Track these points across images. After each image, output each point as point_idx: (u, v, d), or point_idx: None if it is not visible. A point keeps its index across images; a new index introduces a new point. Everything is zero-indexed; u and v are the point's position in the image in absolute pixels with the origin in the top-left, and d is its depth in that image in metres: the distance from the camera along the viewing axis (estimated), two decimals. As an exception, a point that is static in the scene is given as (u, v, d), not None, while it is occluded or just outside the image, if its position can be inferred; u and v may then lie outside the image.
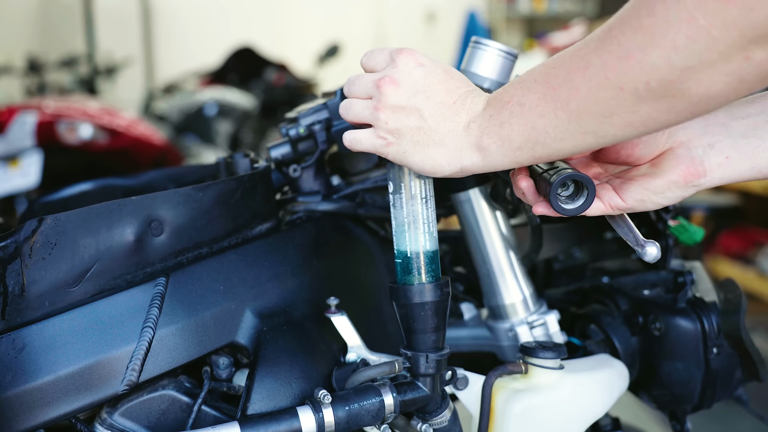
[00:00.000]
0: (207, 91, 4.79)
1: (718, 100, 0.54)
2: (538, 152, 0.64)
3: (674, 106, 0.55)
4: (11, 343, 0.70)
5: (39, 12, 5.95)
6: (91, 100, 3.99)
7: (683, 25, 0.51)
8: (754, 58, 0.50)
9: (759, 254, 3.44)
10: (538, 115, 0.62)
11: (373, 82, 0.73)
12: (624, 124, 0.58)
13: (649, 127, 0.58)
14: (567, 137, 0.61)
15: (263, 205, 0.89)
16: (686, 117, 0.56)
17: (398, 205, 0.78)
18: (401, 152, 0.72)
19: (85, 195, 1.17)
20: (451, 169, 0.70)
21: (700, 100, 0.54)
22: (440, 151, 0.70)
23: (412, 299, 0.77)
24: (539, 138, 0.63)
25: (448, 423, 0.82)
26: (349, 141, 0.76)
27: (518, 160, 0.66)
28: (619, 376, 0.91)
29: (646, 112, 0.56)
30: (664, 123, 0.57)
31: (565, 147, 0.62)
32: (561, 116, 0.60)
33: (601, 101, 0.57)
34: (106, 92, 5.37)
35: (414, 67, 0.72)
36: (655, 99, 0.55)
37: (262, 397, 0.77)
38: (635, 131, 0.59)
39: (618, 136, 0.60)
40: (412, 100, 0.71)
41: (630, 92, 0.55)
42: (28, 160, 2.98)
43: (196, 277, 0.79)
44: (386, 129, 0.72)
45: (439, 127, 0.70)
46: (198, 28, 6.78)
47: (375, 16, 7.22)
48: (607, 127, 0.59)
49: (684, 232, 1.00)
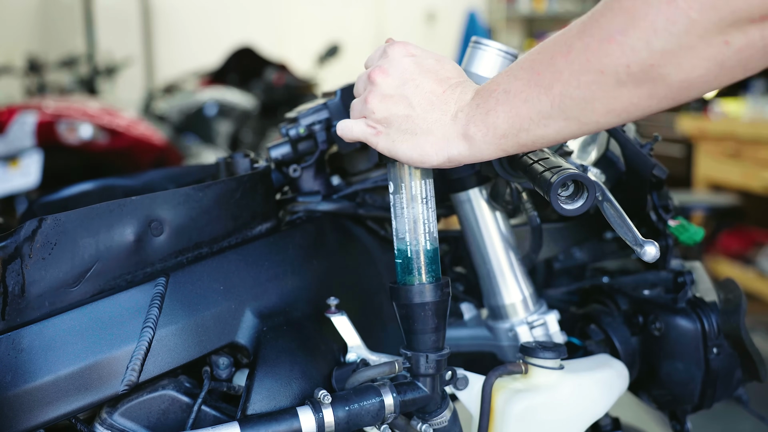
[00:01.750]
0: (207, 91, 4.79)
1: (699, 87, 0.54)
2: (523, 139, 0.64)
3: (655, 91, 0.55)
4: (11, 343, 0.70)
5: (39, 12, 5.95)
6: (91, 100, 3.99)
7: (663, 6, 0.51)
8: (734, 43, 0.50)
9: (759, 254, 3.44)
10: (522, 101, 0.62)
11: (366, 75, 0.74)
12: (606, 111, 0.58)
13: (631, 114, 0.58)
14: (550, 123, 0.61)
15: (263, 205, 0.89)
16: (668, 104, 0.56)
17: (398, 206, 0.78)
18: (390, 141, 0.72)
19: (85, 195, 1.17)
20: (438, 159, 0.70)
21: (680, 87, 0.54)
22: (428, 140, 0.70)
23: (412, 299, 0.77)
24: (523, 124, 0.63)
25: (448, 423, 0.82)
26: (341, 129, 0.76)
27: (504, 148, 0.66)
28: (619, 376, 0.91)
29: (627, 98, 0.56)
30: (645, 110, 0.57)
31: (548, 134, 0.62)
32: (544, 101, 0.60)
33: (583, 85, 0.57)
34: (106, 92, 5.37)
35: (404, 56, 0.72)
36: (636, 84, 0.55)
37: (262, 397, 0.77)
38: (617, 118, 0.59)
39: (601, 123, 0.60)
40: (400, 88, 0.71)
41: (611, 76, 0.55)
42: (28, 160, 2.98)
43: (196, 277, 0.79)
44: (375, 118, 0.72)
45: (427, 116, 0.70)
46: (198, 28, 6.78)
47: (375, 16, 7.22)
48: (589, 113, 0.59)
49: (684, 232, 1.00)
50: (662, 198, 0.98)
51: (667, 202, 0.99)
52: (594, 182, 0.69)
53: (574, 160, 0.88)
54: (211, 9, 6.85)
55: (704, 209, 3.53)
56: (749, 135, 3.42)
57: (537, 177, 0.71)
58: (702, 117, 3.91)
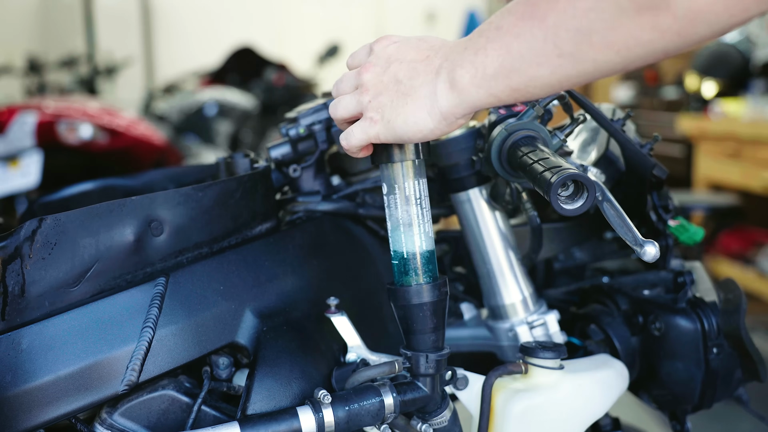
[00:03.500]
0: (207, 91, 4.79)
1: (708, 20, 0.49)
2: (515, 81, 0.60)
3: (658, 21, 0.51)
4: (11, 343, 0.70)
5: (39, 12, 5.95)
6: (91, 100, 3.99)
7: None
8: None
9: (759, 254, 3.44)
10: (514, 36, 0.58)
11: (355, 73, 0.73)
12: (604, 45, 0.54)
13: (632, 51, 0.53)
14: (543, 61, 0.57)
15: (263, 205, 0.89)
16: (673, 40, 0.52)
17: (393, 206, 0.78)
18: (386, 123, 0.69)
19: (85, 195, 1.17)
20: (433, 120, 0.66)
21: (686, 16, 0.49)
22: (417, 104, 0.67)
23: (410, 300, 0.77)
24: (514, 63, 0.59)
25: (448, 423, 0.82)
26: (344, 138, 0.74)
27: (494, 92, 0.61)
28: (619, 376, 0.91)
29: (628, 29, 0.52)
30: (647, 46, 0.53)
31: (542, 74, 0.58)
32: (537, 35, 0.56)
33: (580, 14, 0.53)
34: (106, 92, 5.37)
35: (388, 45, 0.71)
36: (638, 11, 0.51)
37: (262, 397, 0.77)
38: (617, 55, 0.54)
39: (598, 61, 0.55)
40: (387, 71, 0.69)
41: (610, 1, 0.51)
42: (28, 160, 2.98)
43: (196, 277, 0.79)
44: (371, 108, 0.71)
45: (414, 82, 0.67)
46: (198, 28, 6.78)
47: (375, 16, 7.22)
48: (586, 48, 0.54)
49: (684, 232, 1.00)
50: (662, 198, 0.98)
51: (667, 202, 0.99)
52: (594, 182, 0.69)
53: (574, 160, 0.88)
54: (211, 9, 6.85)
55: (704, 209, 3.53)
56: (749, 135, 3.42)
57: (537, 177, 0.70)
58: (702, 117, 3.91)
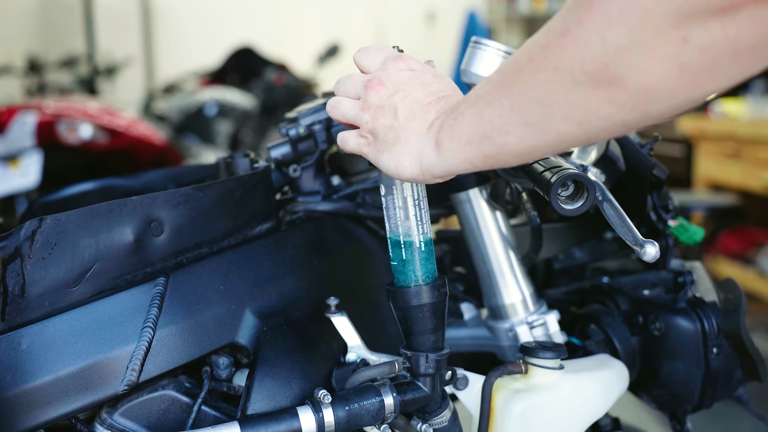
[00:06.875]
0: (207, 91, 4.79)
1: (662, 95, 0.49)
2: (486, 148, 0.60)
3: (613, 96, 0.50)
4: (11, 343, 0.70)
5: (39, 12, 5.95)
6: (91, 100, 3.99)
7: None
8: (694, 41, 0.45)
9: (759, 254, 3.44)
10: (486, 104, 0.59)
11: (362, 83, 0.72)
12: (564, 116, 0.53)
13: (592, 123, 0.53)
14: (511, 129, 0.57)
15: (263, 205, 0.89)
16: (631, 114, 0.51)
17: (391, 208, 0.78)
18: (375, 152, 0.70)
19: (85, 195, 1.17)
20: (412, 171, 0.67)
21: (640, 92, 0.49)
22: (403, 150, 0.68)
23: (409, 302, 0.77)
24: (486, 130, 0.59)
25: (448, 423, 0.82)
26: (340, 140, 0.76)
27: (469, 158, 0.62)
28: (619, 376, 0.91)
29: (585, 102, 0.51)
30: (607, 119, 0.52)
31: (510, 142, 0.58)
32: (505, 103, 0.57)
33: (540, 85, 0.53)
34: (106, 92, 5.37)
35: (403, 69, 0.71)
36: (593, 85, 0.50)
37: (262, 397, 0.77)
38: (578, 127, 0.54)
39: (561, 132, 0.55)
40: (391, 99, 0.70)
41: (566, 75, 0.51)
42: (28, 160, 2.98)
43: (196, 277, 0.79)
44: (367, 129, 0.71)
45: (407, 125, 0.68)
46: (198, 28, 6.78)
47: (375, 16, 7.22)
48: (548, 119, 0.54)
49: (684, 232, 1.00)
50: (662, 198, 0.98)
51: (667, 202, 0.99)
52: (594, 182, 0.69)
53: (574, 160, 0.88)
54: (211, 9, 6.85)
55: (704, 209, 3.54)
56: (749, 135, 3.42)
57: (537, 177, 0.70)
58: (702, 117, 3.91)
